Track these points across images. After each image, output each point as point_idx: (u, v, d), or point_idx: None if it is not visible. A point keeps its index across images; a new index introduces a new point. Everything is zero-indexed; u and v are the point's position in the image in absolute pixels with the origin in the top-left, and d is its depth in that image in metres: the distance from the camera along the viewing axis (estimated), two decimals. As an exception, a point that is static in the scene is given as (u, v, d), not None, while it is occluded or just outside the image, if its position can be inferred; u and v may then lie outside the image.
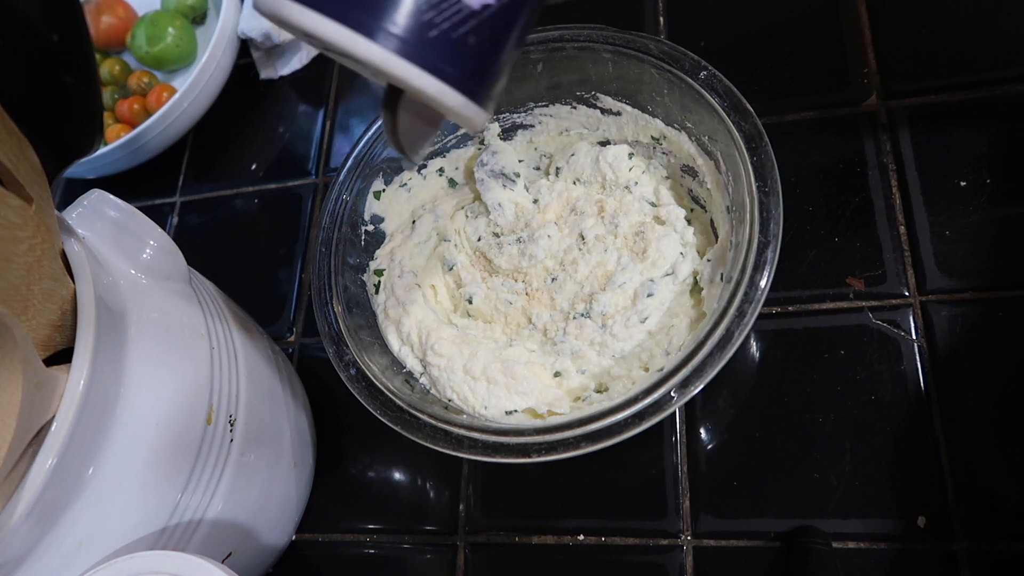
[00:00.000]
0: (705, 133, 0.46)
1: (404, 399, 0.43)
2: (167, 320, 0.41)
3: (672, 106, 0.48)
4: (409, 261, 0.54)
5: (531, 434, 0.39)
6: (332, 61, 0.73)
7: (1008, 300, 0.46)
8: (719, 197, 0.46)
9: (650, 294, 0.47)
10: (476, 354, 0.48)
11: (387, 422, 0.42)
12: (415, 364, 0.50)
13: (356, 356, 0.45)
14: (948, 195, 0.49)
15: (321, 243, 0.50)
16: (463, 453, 0.40)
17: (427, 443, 0.41)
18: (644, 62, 0.46)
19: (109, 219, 0.42)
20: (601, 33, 0.48)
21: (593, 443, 0.37)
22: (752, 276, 0.38)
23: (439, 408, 0.44)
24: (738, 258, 0.40)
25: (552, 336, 0.49)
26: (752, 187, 0.40)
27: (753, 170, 0.41)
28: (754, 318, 0.37)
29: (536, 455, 0.38)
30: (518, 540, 0.50)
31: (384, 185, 0.55)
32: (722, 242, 0.45)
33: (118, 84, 0.76)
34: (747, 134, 0.42)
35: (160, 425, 0.38)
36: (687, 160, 0.49)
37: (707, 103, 0.44)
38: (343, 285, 0.49)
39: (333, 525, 0.54)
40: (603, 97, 0.51)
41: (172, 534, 0.39)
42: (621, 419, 0.37)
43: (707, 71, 0.44)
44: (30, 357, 0.31)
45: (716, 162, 0.46)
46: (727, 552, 0.46)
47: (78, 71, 0.36)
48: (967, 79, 0.52)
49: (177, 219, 0.71)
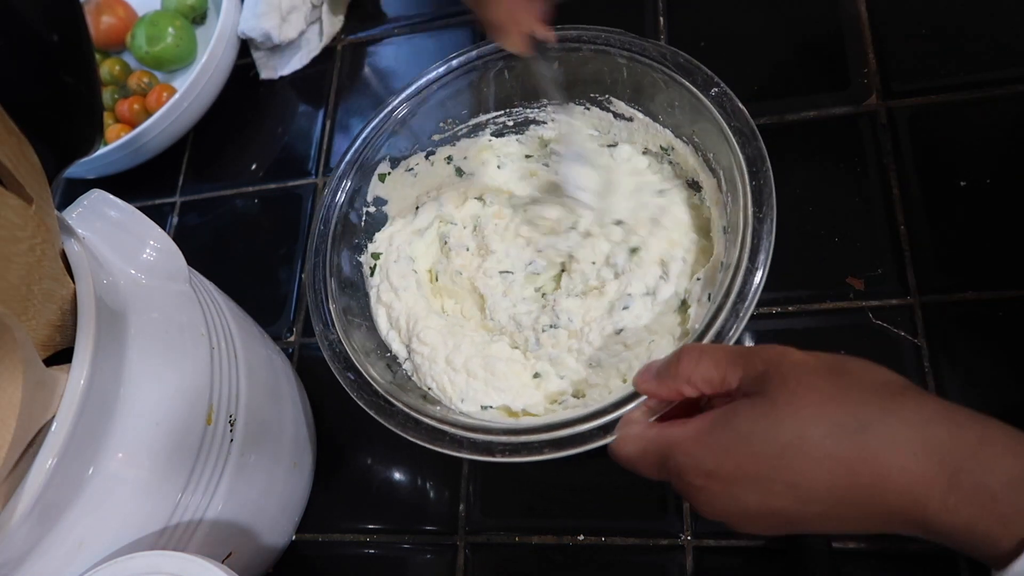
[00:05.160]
0: (710, 150, 0.46)
1: (382, 385, 0.43)
2: (167, 320, 0.41)
3: (682, 118, 0.48)
4: (407, 247, 0.54)
5: (498, 434, 0.39)
6: (332, 61, 0.73)
7: (1008, 300, 0.46)
8: (717, 215, 0.46)
9: (626, 307, 0.47)
10: (460, 346, 0.49)
11: (362, 405, 0.42)
12: (400, 349, 0.51)
13: (341, 336, 0.45)
14: (948, 195, 0.49)
15: (321, 220, 0.50)
16: (432, 444, 0.40)
17: (398, 430, 0.41)
18: (658, 71, 0.46)
19: (109, 219, 0.42)
20: (619, 38, 0.48)
21: (558, 450, 0.37)
22: (735, 302, 0.38)
23: (415, 398, 0.44)
24: (724, 280, 0.40)
25: (521, 345, 0.50)
26: (748, 211, 0.40)
27: (751, 194, 0.40)
28: (735, 339, 0.37)
29: (500, 455, 0.38)
30: (518, 540, 0.50)
31: (390, 168, 0.55)
32: (714, 262, 0.45)
33: (118, 84, 0.76)
34: (750, 157, 0.41)
35: (160, 425, 0.38)
36: (692, 174, 0.49)
37: (714, 120, 0.43)
38: (338, 264, 0.50)
39: (333, 525, 0.54)
40: (616, 101, 0.51)
41: (172, 534, 0.39)
42: (587, 429, 0.37)
43: (719, 88, 0.44)
44: (30, 357, 0.31)
45: (718, 180, 0.46)
46: (727, 552, 0.46)
47: (78, 71, 0.36)
48: (967, 79, 0.52)
49: (177, 219, 0.71)
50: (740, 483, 0.30)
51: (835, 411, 0.29)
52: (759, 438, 0.30)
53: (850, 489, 0.28)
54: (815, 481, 0.29)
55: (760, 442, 0.30)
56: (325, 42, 0.73)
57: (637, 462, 0.34)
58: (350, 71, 0.72)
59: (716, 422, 0.31)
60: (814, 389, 0.29)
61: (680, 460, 0.32)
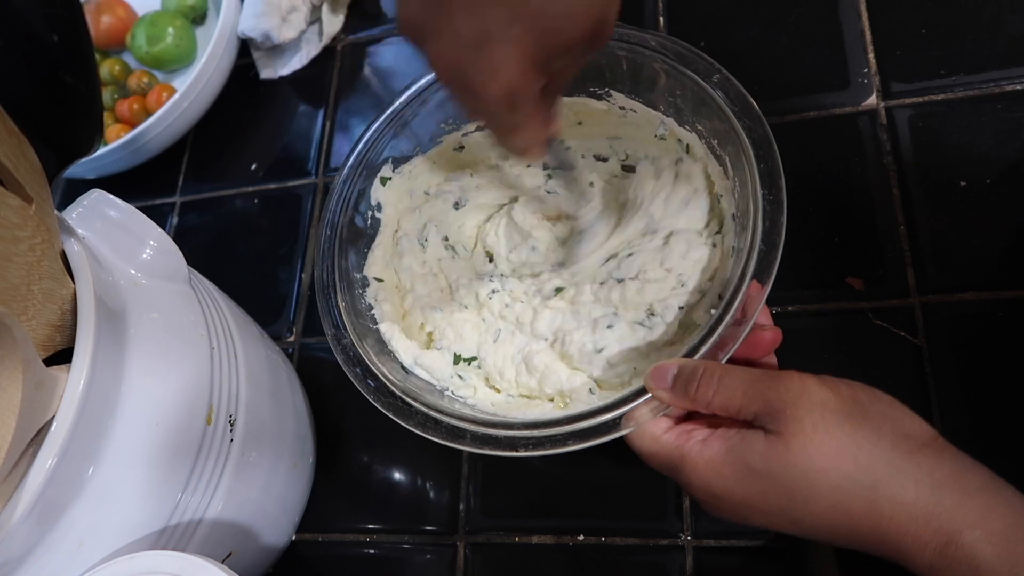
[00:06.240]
0: (715, 137, 0.46)
1: (398, 385, 0.43)
2: (167, 320, 0.41)
3: (684, 108, 0.47)
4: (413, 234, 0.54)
5: (520, 428, 0.39)
6: (332, 61, 0.73)
7: (1008, 300, 0.46)
8: (727, 204, 0.46)
9: (610, 326, 0.46)
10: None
11: (380, 408, 0.42)
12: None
13: (353, 339, 0.45)
14: (948, 195, 0.49)
15: (328, 225, 0.50)
16: (453, 443, 0.40)
17: (418, 431, 0.41)
18: (657, 61, 0.46)
19: (109, 219, 0.42)
20: (616, 30, 0.48)
21: (582, 441, 0.37)
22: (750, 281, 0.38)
23: (432, 396, 0.44)
24: (737, 265, 0.39)
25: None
26: (757, 194, 0.40)
27: (760, 177, 0.40)
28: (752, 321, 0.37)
29: (524, 450, 0.38)
30: (518, 540, 0.50)
31: (392, 171, 0.54)
32: (719, 281, 0.45)
33: (118, 84, 0.76)
34: (756, 140, 0.41)
35: (160, 425, 0.38)
36: (703, 167, 0.49)
37: (717, 106, 0.43)
38: (346, 267, 0.49)
39: (333, 525, 0.54)
40: (616, 94, 0.51)
41: (172, 534, 0.39)
42: (611, 418, 0.37)
43: (720, 74, 0.44)
44: (30, 357, 0.31)
45: (725, 167, 0.45)
46: (727, 552, 0.46)
47: (78, 71, 0.36)
48: (967, 79, 0.52)
49: (177, 219, 0.71)
50: (745, 508, 0.32)
51: (848, 465, 0.29)
52: (770, 479, 0.30)
53: (849, 532, 0.30)
54: (818, 522, 0.30)
55: (771, 483, 0.30)
56: (325, 42, 0.73)
57: (649, 459, 0.36)
58: (350, 71, 0.72)
59: (730, 452, 0.32)
60: (831, 437, 0.30)
61: (691, 477, 0.33)
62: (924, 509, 0.28)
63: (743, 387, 0.32)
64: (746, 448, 0.31)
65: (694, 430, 0.34)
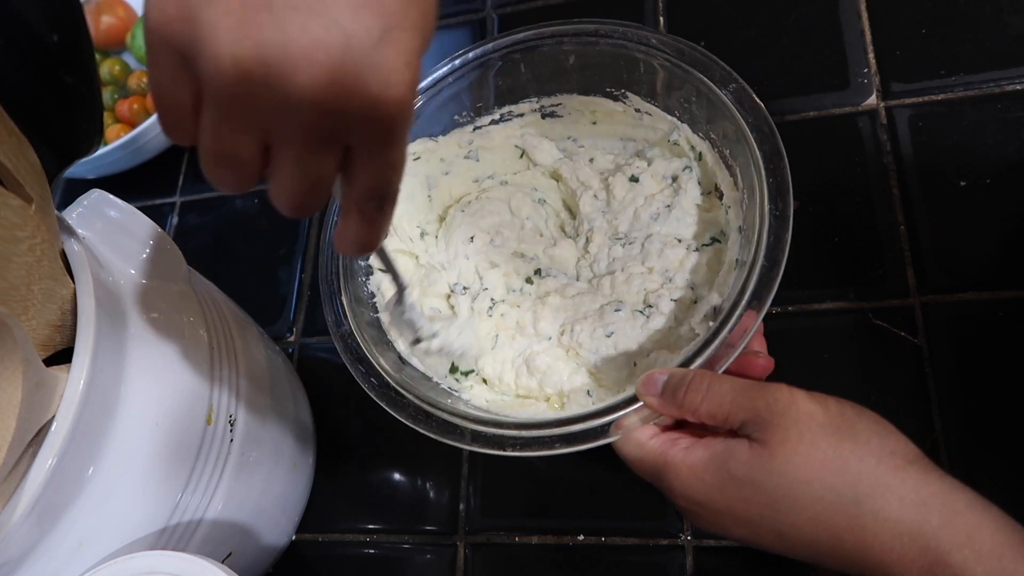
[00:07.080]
0: (727, 146, 0.46)
1: (393, 377, 0.43)
2: (167, 320, 0.41)
3: (699, 114, 0.47)
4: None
5: (510, 428, 0.39)
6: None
7: (1008, 300, 0.46)
8: (734, 216, 0.46)
9: (617, 309, 0.47)
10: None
11: (373, 396, 0.42)
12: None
13: (353, 327, 0.45)
14: (948, 195, 0.49)
15: (334, 212, 0.50)
16: (444, 438, 0.40)
17: (409, 423, 0.41)
18: (675, 66, 0.46)
19: (109, 219, 0.42)
20: (636, 32, 0.47)
21: (569, 445, 0.37)
22: (749, 300, 0.38)
23: (426, 390, 0.44)
24: (739, 279, 0.39)
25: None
26: (765, 208, 0.40)
27: (768, 191, 0.40)
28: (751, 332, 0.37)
29: (511, 449, 0.38)
30: (518, 540, 0.50)
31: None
32: (716, 285, 0.45)
33: (118, 84, 0.75)
34: (767, 153, 0.41)
35: (160, 425, 0.38)
36: (710, 175, 0.49)
37: (731, 116, 0.43)
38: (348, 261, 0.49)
39: (333, 525, 0.54)
40: (632, 96, 0.51)
41: (172, 534, 0.39)
42: (600, 424, 0.37)
43: (736, 84, 0.44)
44: (30, 357, 0.31)
45: (735, 178, 0.45)
46: (727, 552, 0.46)
47: (78, 71, 0.36)
48: (967, 79, 0.52)
49: (177, 219, 0.71)
50: (727, 518, 0.32)
51: (832, 478, 0.29)
52: (752, 487, 0.30)
53: (833, 549, 0.29)
54: (801, 534, 0.30)
55: (753, 491, 0.30)
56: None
57: (634, 465, 0.35)
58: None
59: (713, 459, 0.32)
60: (816, 449, 0.29)
61: (673, 483, 0.33)
62: (909, 527, 0.27)
63: (732, 395, 0.32)
64: (730, 455, 0.31)
65: (680, 438, 0.34)
